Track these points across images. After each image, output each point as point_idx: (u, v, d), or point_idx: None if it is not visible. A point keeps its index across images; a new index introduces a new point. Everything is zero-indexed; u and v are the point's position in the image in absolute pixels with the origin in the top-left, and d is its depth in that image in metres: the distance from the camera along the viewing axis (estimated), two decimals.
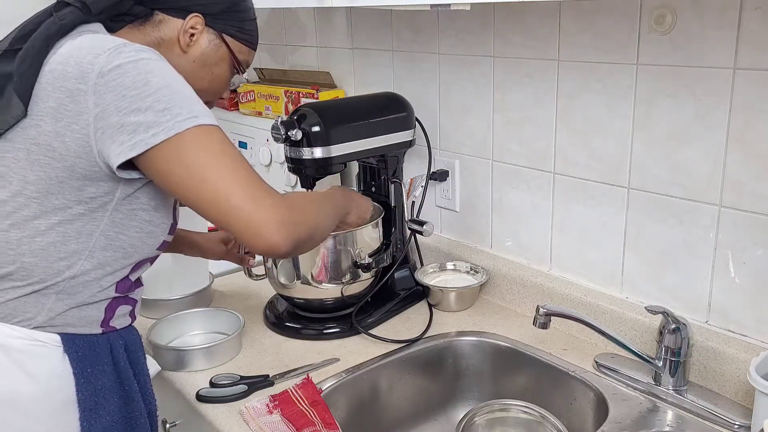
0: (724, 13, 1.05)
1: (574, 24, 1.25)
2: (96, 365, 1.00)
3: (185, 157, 0.90)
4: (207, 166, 0.91)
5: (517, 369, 1.30)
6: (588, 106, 1.27)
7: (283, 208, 0.93)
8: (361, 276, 1.36)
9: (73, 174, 0.93)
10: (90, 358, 1.00)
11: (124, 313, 1.06)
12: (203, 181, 0.91)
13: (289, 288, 1.36)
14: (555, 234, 1.39)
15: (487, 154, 1.48)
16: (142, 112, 0.89)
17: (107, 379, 1.01)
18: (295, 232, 0.94)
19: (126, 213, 0.98)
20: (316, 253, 1.31)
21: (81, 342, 0.99)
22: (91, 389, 0.99)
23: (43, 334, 0.97)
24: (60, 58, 0.93)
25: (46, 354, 0.97)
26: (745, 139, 1.07)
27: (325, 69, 1.86)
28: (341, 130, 1.32)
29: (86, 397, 0.98)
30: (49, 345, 0.97)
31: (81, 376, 0.98)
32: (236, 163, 0.93)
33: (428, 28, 1.54)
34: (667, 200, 1.19)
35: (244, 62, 1.15)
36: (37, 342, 0.97)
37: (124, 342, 1.05)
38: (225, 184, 0.91)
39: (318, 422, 1.07)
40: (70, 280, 0.98)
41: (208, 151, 0.91)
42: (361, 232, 1.35)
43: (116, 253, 1.00)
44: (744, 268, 1.11)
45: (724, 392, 1.11)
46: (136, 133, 0.89)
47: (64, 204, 0.94)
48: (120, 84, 0.89)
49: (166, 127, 0.89)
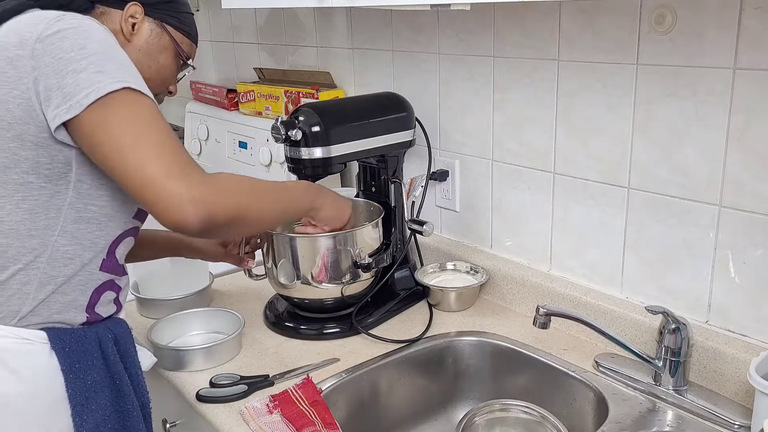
0: (724, 13, 1.05)
1: (574, 24, 1.25)
2: (84, 360, 0.99)
3: (111, 120, 0.91)
4: (129, 132, 0.91)
5: (517, 369, 1.30)
6: (588, 106, 1.27)
7: (201, 186, 0.92)
8: (361, 276, 1.36)
9: (24, 143, 0.93)
10: (78, 352, 0.99)
11: (109, 300, 1.06)
12: (122, 147, 0.91)
13: (289, 288, 1.36)
14: (555, 234, 1.39)
15: (487, 154, 1.48)
16: (77, 73, 0.90)
17: (97, 373, 1.00)
18: (210, 212, 0.92)
19: (90, 182, 0.97)
20: (316, 253, 1.31)
21: (68, 337, 0.99)
22: (81, 384, 0.98)
23: (29, 331, 0.97)
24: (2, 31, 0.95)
25: (32, 351, 0.97)
26: (745, 139, 1.07)
27: (325, 69, 1.86)
28: (341, 130, 1.32)
29: (76, 392, 0.98)
30: (35, 342, 0.97)
31: (69, 371, 0.98)
32: (161, 135, 0.93)
33: (428, 28, 1.54)
34: (667, 200, 1.19)
35: (186, 53, 1.17)
36: (23, 340, 0.96)
37: (114, 335, 1.04)
38: (143, 153, 0.90)
39: (318, 422, 1.07)
40: (48, 260, 0.97)
41: (134, 118, 0.92)
42: (361, 232, 1.35)
43: (90, 225, 0.99)
44: (744, 268, 1.11)
45: (724, 392, 1.11)
46: (72, 95, 0.90)
47: (23, 179, 0.94)
48: (58, 47, 0.90)
49: (98, 87, 0.90)
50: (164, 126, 0.95)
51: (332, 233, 1.32)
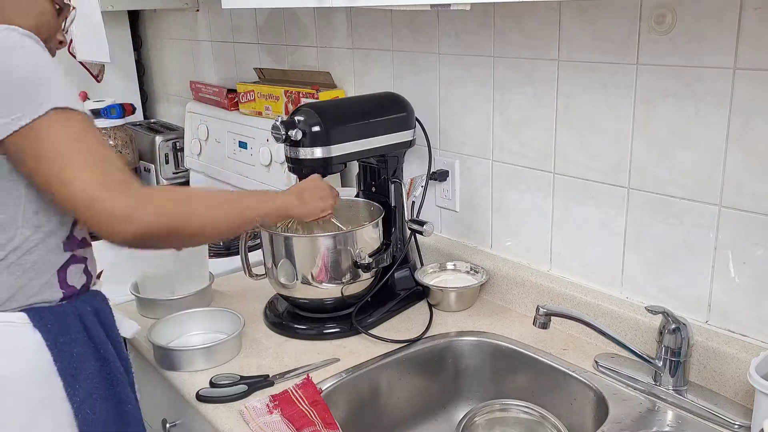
0: (724, 13, 1.05)
1: (574, 24, 1.25)
2: (67, 334, 1.03)
3: (40, 144, 0.91)
4: (60, 150, 0.91)
5: (517, 369, 1.30)
6: (588, 106, 1.27)
7: (134, 198, 0.92)
8: (361, 276, 1.36)
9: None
10: (60, 328, 1.02)
11: (79, 271, 1.07)
12: (53, 167, 0.91)
13: (289, 288, 1.36)
14: (555, 234, 1.39)
15: (487, 154, 1.48)
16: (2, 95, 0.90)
17: (81, 345, 1.04)
18: (143, 225, 0.92)
19: None
20: (316, 253, 1.31)
21: (48, 314, 1.02)
22: (68, 356, 1.02)
23: (10, 314, 1.00)
24: None
25: (16, 333, 1.00)
26: (745, 139, 1.07)
27: (325, 69, 1.86)
28: (341, 130, 1.32)
29: (65, 365, 1.01)
30: (18, 324, 1.00)
31: (54, 346, 1.01)
32: (92, 150, 0.93)
33: (428, 28, 1.54)
34: (667, 200, 1.19)
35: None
36: (6, 323, 0.99)
37: (93, 308, 1.07)
38: (73, 169, 0.91)
39: (318, 422, 1.07)
40: (14, 250, 0.99)
41: (62, 139, 0.92)
42: (361, 232, 1.35)
43: (48, 213, 1.01)
44: (744, 268, 1.11)
45: (724, 392, 1.11)
46: None
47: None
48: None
49: (24, 113, 0.90)
50: (95, 139, 0.95)
51: (332, 233, 1.32)
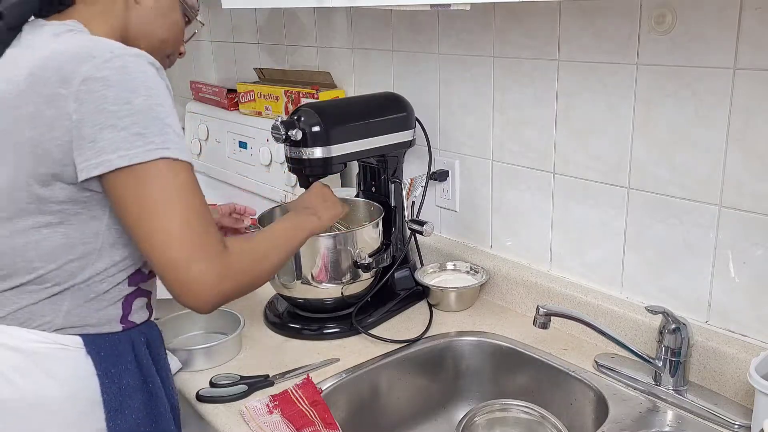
0: (724, 13, 1.05)
1: (574, 24, 1.25)
2: (119, 364, 1.00)
3: (141, 189, 0.89)
4: (157, 206, 0.89)
5: (517, 369, 1.30)
6: (588, 106, 1.27)
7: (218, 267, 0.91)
8: (361, 276, 1.36)
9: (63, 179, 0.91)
10: (112, 357, 1.00)
11: (141, 306, 1.06)
12: (148, 221, 0.89)
13: (289, 288, 1.36)
14: (555, 234, 1.39)
15: (487, 154, 1.48)
16: (117, 131, 0.87)
17: (131, 377, 1.01)
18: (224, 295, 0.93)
19: None
20: (316, 253, 1.31)
21: (102, 342, 0.99)
22: (116, 389, 0.99)
23: (64, 336, 0.97)
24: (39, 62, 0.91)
25: (68, 356, 0.97)
26: (745, 139, 1.07)
27: (325, 69, 1.86)
28: (341, 130, 1.32)
29: (111, 397, 0.99)
30: (70, 347, 0.98)
31: (104, 376, 0.98)
32: (189, 212, 0.90)
33: (428, 28, 1.54)
34: (667, 200, 1.19)
35: (192, 6, 1.17)
36: (58, 345, 0.97)
37: (146, 338, 1.05)
38: (167, 234, 0.89)
39: (318, 422, 1.07)
40: (84, 280, 0.97)
41: (165, 190, 0.89)
42: (361, 232, 1.35)
43: (127, 248, 0.99)
44: (744, 268, 1.11)
45: (724, 392, 1.11)
46: (103, 153, 0.87)
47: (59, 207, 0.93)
48: (102, 96, 0.87)
49: (134, 153, 0.87)
50: (194, 198, 0.92)
51: (332, 233, 1.32)
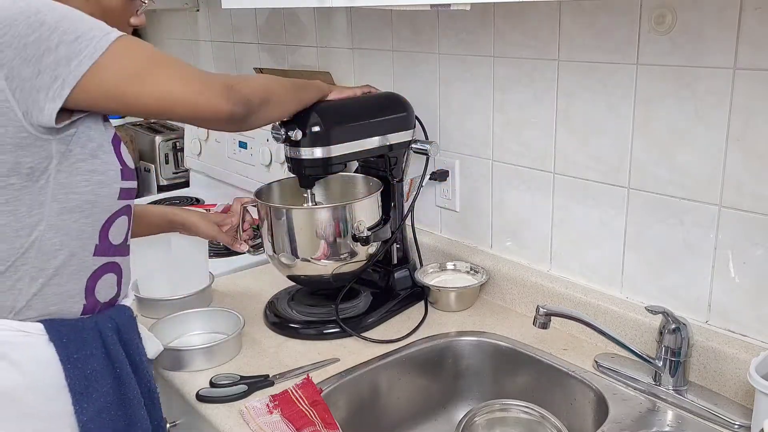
0: (724, 13, 1.05)
1: (574, 24, 1.25)
2: (83, 350, 0.99)
3: (117, 71, 0.91)
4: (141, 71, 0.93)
5: (517, 369, 1.30)
6: (588, 106, 1.27)
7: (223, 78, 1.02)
8: (360, 253, 1.36)
9: (3, 148, 0.90)
10: (76, 342, 0.99)
11: (110, 284, 1.05)
12: (143, 85, 0.93)
13: (291, 267, 1.36)
14: (555, 234, 1.39)
15: (487, 154, 1.48)
16: (53, 50, 0.88)
17: (97, 362, 1.00)
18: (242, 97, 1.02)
19: (68, 171, 0.95)
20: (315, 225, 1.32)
21: (65, 328, 0.99)
22: (80, 374, 0.99)
23: (26, 324, 0.97)
24: None
25: (31, 343, 0.97)
26: (745, 139, 1.07)
27: (325, 69, 1.86)
28: (341, 130, 1.32)
29: (75, 382, 0.98)
30: (33, 334, 0.97)
31: (68, 362, 0.98)
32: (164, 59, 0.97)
33: (428, 28, 1.54)
34: (667, 200, 1.19)
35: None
36: (21, 332, 0.96)
37: (116, 324, 1.04)
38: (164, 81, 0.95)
39: (318, 422, 1.07)
40: (36, 254, 0.96)
41: (136, 58, 0.94)
42: (359, 204, 1.35)
43: (73, 214, 0.98)
44: (744, 268, 1.11)
45: (724, 392, 1.11)
46: (58, 71, 0.88)
47: (3, 182, 0.92)
48: (14, 35, 0.87)
49: (87, 53, 0.89)
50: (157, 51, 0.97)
51: (331, 206, 1.34)
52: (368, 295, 1.47)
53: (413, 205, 1.48)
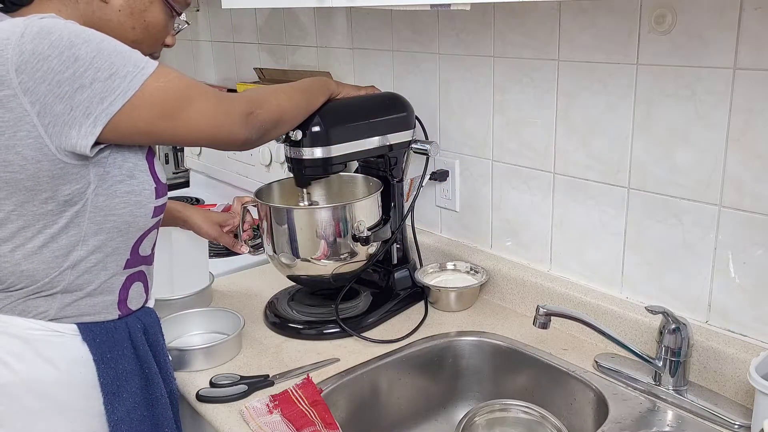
0: (724, 13, 1.05)
1: (574, 24, 1.25)
2: (115, 350, 1.02)
3: (149, 110, 0.92)
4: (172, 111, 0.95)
5: (517, 369, 1.30)
6: (588, 106, 1.27)
7: (243, 106, 1.03)
8: (360, 253, 1.36)
9: (40, 181, 0.91)
10: (108, 343, 1.01)
11: (139, 292, 1.07)
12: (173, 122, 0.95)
13: (291, 267, 1.36)
14: (555, 234, 1.39)
15: (487, 154, 1.48)
16: (87, 87, 0.87)
17: (127, 362, 1.03)
18: (259, 123, 1.05)
19: (106, 194, 0.97)
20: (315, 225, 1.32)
21: (98, 329, 1.01)
22: (113, 374, 1.01)
23: (60, 324, 0.99)
24: None
25: (65, 343, 0.99)
26: (745, 139, 1.07)
27: (325, 69, 1.86)
28: (341, 130, 1.32)
29: (108, 381, 1.01)
30: (66, 334, 0.99)
31: (101, 361, 1.00)
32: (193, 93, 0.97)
33: (428, 28, 1.54)
34: (667, 200, 1.19)
35: (178, 1, 1.08)
36: (54, 332, 0.98)
37: (143, 325, 1.07)
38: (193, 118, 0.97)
39: (318, 422, 1.07)
40: (72, 272, 0.98)
41: (168, 97, 0.94)
42: (361, 204, 1.35)
43: (110, 234, 1.00)
44: (744, 268, 1.11)
45: (724, 392, 1.11)
46: (91, 108, 0.88)
47: (42, 209, 0.93)
48: (48, 70, 0.85)
49: (120, 91, 0.89)
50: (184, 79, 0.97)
51: (331, 206, 1.33)
52: (368, 295, 1.47)
53: (413, 205, 1.48)
